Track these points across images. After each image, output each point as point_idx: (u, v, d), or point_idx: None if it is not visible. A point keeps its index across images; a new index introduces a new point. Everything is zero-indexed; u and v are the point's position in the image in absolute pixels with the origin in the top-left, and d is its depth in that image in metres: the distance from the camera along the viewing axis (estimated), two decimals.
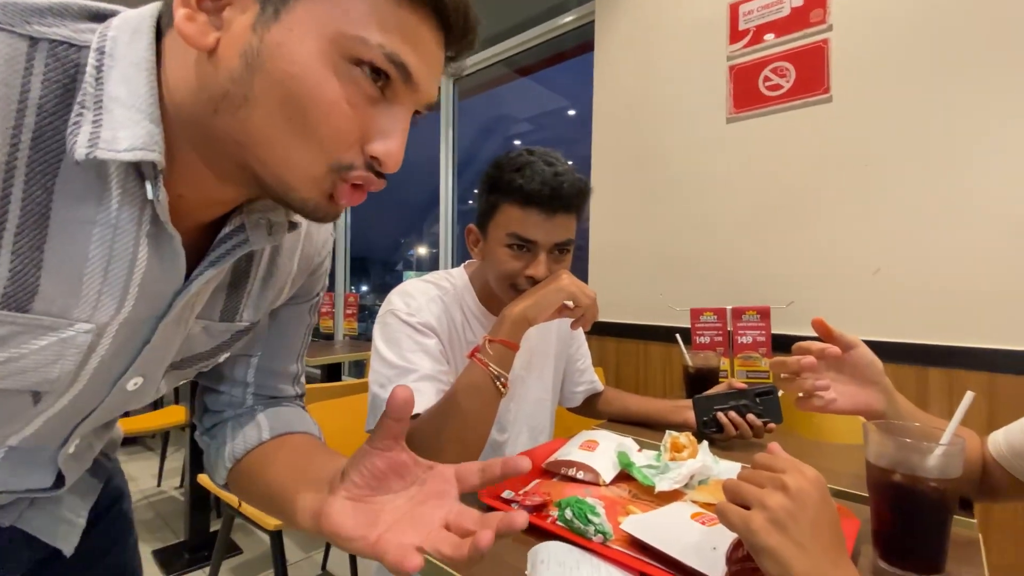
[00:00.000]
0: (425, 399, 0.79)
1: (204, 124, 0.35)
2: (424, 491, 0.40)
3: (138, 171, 0.35)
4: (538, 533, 0.60)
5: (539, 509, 0.64)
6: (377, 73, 0.35)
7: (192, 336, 0.48)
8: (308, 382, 0.65)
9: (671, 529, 0.55)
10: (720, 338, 1.43)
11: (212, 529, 1.97)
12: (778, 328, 1.38)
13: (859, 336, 1.14)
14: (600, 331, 1.84)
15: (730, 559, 0.48)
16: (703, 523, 0.55)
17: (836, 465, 0.87)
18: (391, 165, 0.38)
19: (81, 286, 0.36)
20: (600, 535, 0.56)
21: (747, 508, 0.44)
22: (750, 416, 0.94)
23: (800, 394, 0.65)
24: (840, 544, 0.43)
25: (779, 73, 1.46)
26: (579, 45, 2.20)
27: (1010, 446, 0.64)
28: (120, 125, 0.33)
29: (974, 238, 1.19)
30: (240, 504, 1.38)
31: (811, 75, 1.40)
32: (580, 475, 0.74)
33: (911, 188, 1.27)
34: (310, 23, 0.33)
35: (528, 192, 0.81)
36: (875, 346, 1.23)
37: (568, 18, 2.22)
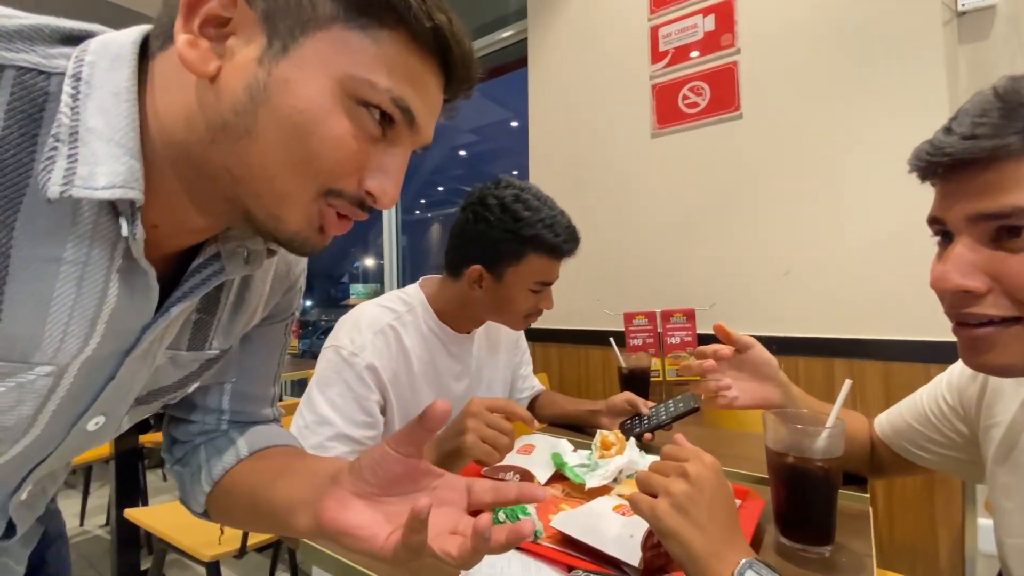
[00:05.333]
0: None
1: (196, 154, 0.34)
2: (433, 497, 0.38)
3: (112, 206, 0.33)
4: None
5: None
6: (383, 115, 0.35)
7: (159, 368, 0.45)
8: None
9: (595, 522, 0.59)
10: (652, 340, 1.51)
11: (143, 567, 1.83)
12: (704, 328, 1.47)
13: (773, 333, 1.21)
14: (543, 338, 1.89)
15: (644, 545, 0.52)
16: (623, 514, 0.59)
17: (752, 452, 0.94)
18: (386, 203, 0.38)
19: (44, 327, 0.33)
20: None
21: (656, 496, 0.49)
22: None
23: (711, 395, 0.72)
24: (733, 523, 0.48)
25: (696, 92, 1.57)
26: (519, 59, 2.26)
27: (892, 426, 0.73)
28: (98, 160, 0.31)
29: (872, 240, 1.32)
30: (160, 543, 1.31)
31: (724, 94, 1.52)
32: (517, 479, 0.77)
33: (814, 196, 1.40)
34: (320, 63, 0.33)
35: (557, 246, 0.90)
36: (787, 341, 1.37)
37: (505, 34, 2.29)
